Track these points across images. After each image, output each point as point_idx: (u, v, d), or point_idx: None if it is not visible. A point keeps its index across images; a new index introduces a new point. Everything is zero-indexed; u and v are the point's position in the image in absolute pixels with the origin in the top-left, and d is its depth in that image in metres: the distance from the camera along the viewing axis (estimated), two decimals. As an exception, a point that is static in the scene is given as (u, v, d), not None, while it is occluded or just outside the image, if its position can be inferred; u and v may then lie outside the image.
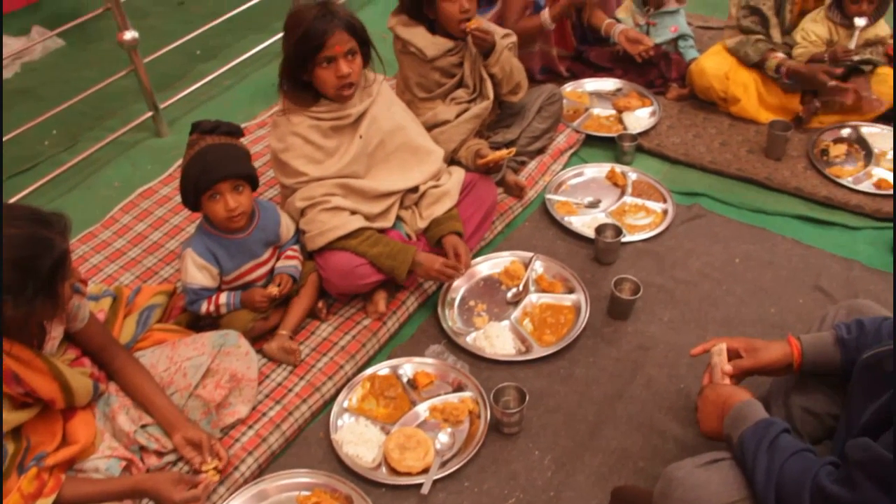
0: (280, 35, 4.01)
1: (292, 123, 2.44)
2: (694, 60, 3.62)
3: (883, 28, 3.36)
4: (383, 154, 2.59)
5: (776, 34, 3.43)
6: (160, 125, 3.62)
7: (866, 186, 3.11)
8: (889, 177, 3.13)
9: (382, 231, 2.56)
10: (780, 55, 3.35)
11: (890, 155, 3.27)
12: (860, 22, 3.20)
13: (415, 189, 2.65)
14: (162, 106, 3.61)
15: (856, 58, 3.28)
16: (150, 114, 3.58)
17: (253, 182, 2.32)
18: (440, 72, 2.92)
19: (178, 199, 3.00)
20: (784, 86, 3.41)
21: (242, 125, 3.48)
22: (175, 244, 2.87)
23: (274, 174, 2.60)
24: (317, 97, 2.46)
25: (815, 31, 3.34)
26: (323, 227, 2.43)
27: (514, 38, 3.04)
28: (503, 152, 2.78)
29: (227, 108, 3.81)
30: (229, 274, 2.38)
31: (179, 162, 3.21)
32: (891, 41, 3.38)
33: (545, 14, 3.44)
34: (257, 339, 2.43)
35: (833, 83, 3.25)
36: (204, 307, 2.36)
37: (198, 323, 2.44)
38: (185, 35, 3.82)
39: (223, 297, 2.37)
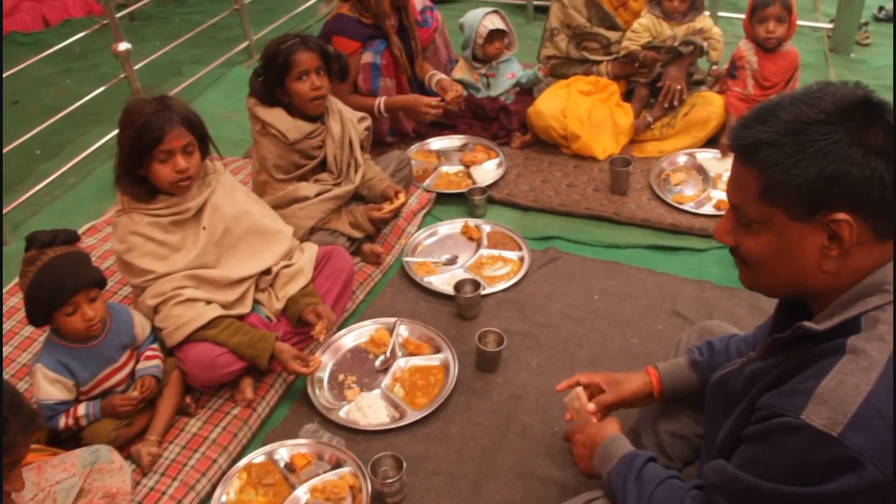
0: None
1: (132, 222, 2.38)
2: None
3: (705, 21, 3.66)
4: (231, 241, 2.56)
5: (613, 35, 3.74)
6: (2, 232, 3.46)
7: (707, 209, 3.27)
8: (726, 197, 3.30)
9: (241, 317, 2.52)
10: (606, 60, 3.77)
11: (725, 177, 3.46)
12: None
13: (268, 271, 2.63)
14: (3, 212, 3.46)
15: (676, 43, 3.62)
16: (-10, 222, 3.43)
17: (102, 286, 2.25)
18: (299, 154, 2.94)
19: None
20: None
21: (91, 223, 3.40)
22: (27, 357, 2.73)
23: (121, 275, 2.52)
24: (153, 193, 2.41)
25: (640, 22, 3.65)
26: (179, 322, 2.37)
27: (368, 122, 3.16)
28: (400, 200, 2.97)
29: (73, 207, 3.69)
30: (86, 384, 2.28)
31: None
32: (712, 32, 3.68)
33: (380, 102, 3.55)
34: (124, 445, 2.33)
35: (648, 54, 3.64)
36: (62, 422, 2.25)
37: (59, 437, 2.33)
38: (22, 135, 3.69)
39: (81, 409, 2.26)
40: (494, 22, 3.82)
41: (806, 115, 1.27)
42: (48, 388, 2.21)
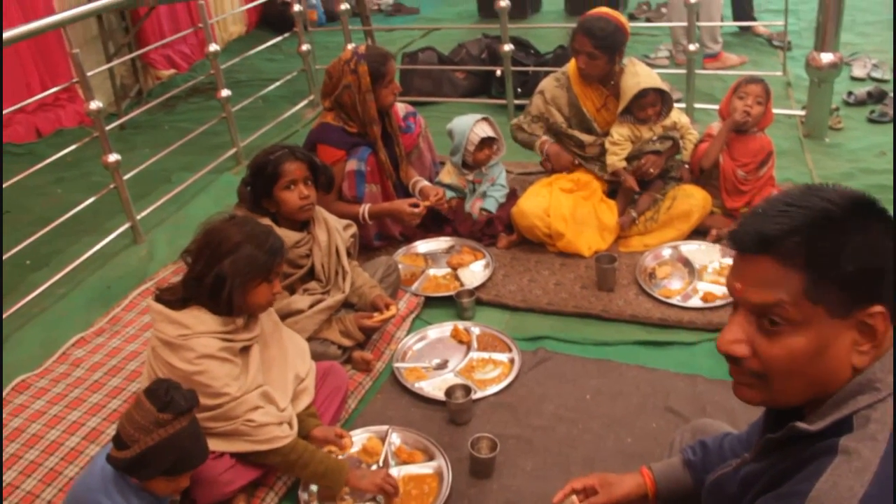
0: (112, 236, 3.93)
1: (203, 346, 2.30)
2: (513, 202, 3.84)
3: (679, 116, 3.77)
4: (269, 354, 2.55)
5: (587, 138, 3.80)
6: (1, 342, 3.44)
7: (695, 302, 3.29)
8: (713, 289, 3.33)
9: None
10: (545, 138, 3.88)
11: (710, 268, 3.50)
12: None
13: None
14: (-6, 323, 3.44)
15: (654, 138, 3.72)
16: (-22, 334, 3.41)
17: None
18: (287, 263, 2.96)
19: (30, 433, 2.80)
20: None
21: (80, 334, 3.39)
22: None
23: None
24: (233, 313, 2.38)
25: (619, 132, 3.71)
26: (260, 437, 2.35)
27: (354, 229, 3.20)
28: (391, 312, 3.00)
29: (62, 318, 3.67)
30: None
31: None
32: (686, 125, 3.78)
33: (365, 210, 3.61)
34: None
35: (628, 180, 3.71)
36: None
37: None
38: (13, 245, 3.72)
39: None
40: (485, 130, 3.91)
41: (831, 210, 1.24)
42: None
